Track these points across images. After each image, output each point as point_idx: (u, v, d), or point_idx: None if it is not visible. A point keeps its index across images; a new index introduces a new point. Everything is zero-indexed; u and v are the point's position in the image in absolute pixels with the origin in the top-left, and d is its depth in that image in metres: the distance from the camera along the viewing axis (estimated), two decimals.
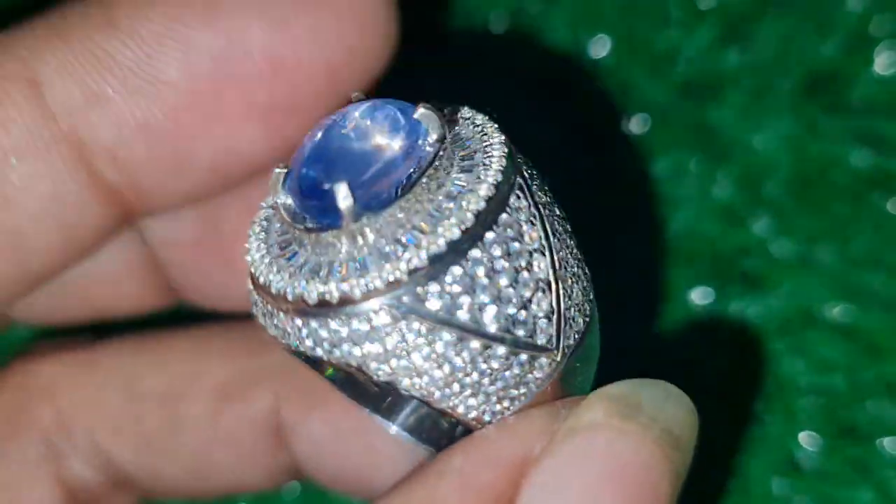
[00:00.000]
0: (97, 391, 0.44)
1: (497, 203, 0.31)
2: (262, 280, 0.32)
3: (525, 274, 0.31)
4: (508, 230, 0.31)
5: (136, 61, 0.33)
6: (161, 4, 0.34)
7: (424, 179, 0.31)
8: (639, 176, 0.49)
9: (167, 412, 0.44)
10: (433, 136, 0.31)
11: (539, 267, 0.31)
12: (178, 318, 0.46)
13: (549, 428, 0.32)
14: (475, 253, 0.30)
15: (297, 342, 0.32)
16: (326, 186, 0.31)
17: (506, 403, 0.32)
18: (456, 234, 0.30)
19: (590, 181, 0.48)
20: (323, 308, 0.30)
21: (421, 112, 0.31)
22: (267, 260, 0.32)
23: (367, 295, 0.30)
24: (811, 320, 0.47)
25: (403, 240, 0.30)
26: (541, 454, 0.31)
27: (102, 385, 0.44)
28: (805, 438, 0.46)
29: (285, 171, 0.32)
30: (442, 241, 0.30)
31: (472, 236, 0.30)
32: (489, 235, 0.31)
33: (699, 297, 0.48)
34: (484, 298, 0.30)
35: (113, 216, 0.35)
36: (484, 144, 0.32)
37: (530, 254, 0.31)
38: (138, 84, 0.33)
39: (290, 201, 0.31)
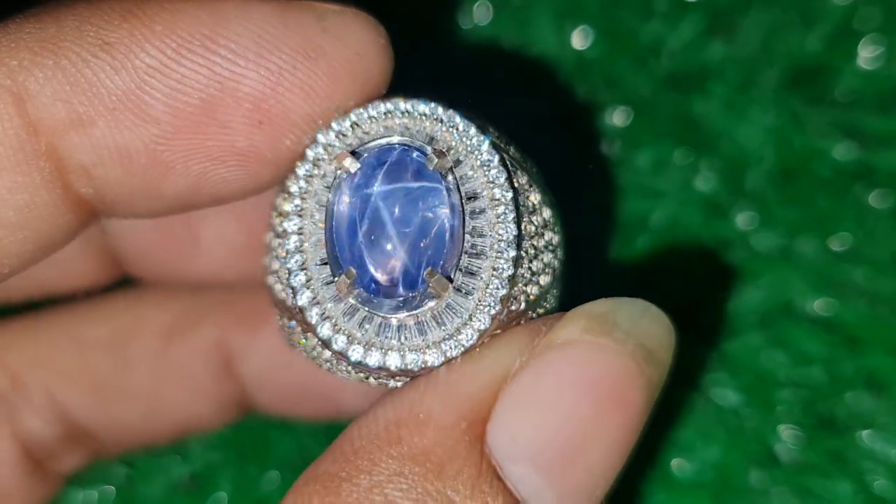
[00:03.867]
0: (47, 347, 0.46)
1: None
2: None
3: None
4: None
5: (126, 91, 0.33)
6: (158, 36, 0.33)
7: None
8: (621, 168, 0.49)
9: (116, 356, 0.46)
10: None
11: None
12: None
13: (530, 344, 0.33)
14: None
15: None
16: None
17: None
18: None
19: (572, 173, 0.48)
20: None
21: (435, 162, 0.34)
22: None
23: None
24: (791, 313, 0.47)
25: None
26: (518, 368, 0.33)
27: (51, 342, 0.46)
28: (784, 431, 0.46)
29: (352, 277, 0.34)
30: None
31: None
32: None
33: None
34: None
35: (81, 221, 0.36)
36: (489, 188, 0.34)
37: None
38: (124, 113, 0.33)
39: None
